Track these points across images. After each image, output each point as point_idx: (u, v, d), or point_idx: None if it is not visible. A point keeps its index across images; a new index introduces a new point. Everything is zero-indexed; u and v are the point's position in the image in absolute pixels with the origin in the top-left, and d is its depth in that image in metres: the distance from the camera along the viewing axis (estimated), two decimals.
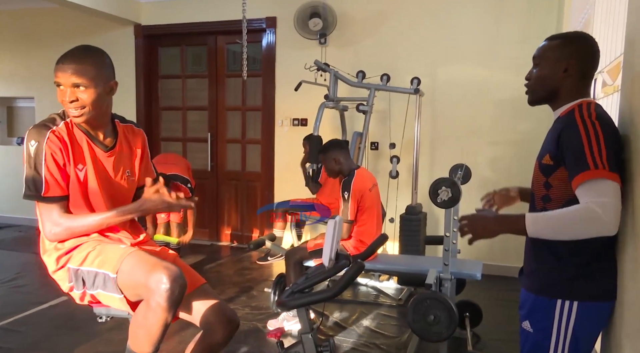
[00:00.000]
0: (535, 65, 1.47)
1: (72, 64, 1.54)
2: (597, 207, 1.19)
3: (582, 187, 1.24)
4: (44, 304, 3.38)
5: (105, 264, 1.54)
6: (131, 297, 1.56)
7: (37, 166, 1.49)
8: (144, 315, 1.49)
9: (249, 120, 5.09)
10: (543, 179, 1.42)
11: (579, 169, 1.25)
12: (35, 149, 1.49)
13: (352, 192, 2.89)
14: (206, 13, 4.90)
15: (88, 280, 1.58)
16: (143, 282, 1.46)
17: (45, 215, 1.53)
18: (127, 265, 1.50)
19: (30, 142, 1.50)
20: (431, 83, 4.18)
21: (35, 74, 5.59)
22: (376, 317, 3.25)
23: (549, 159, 1.38)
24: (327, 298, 1.32)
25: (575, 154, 1.26)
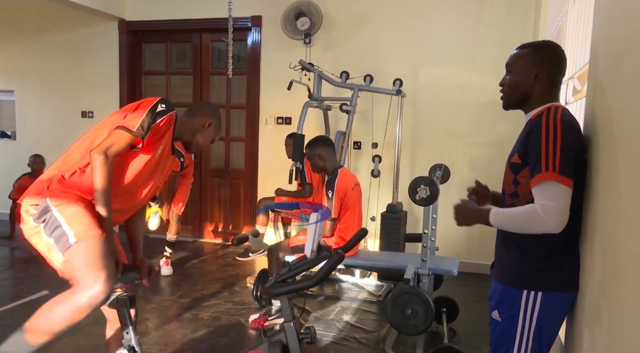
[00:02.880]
0: (508, 72, 1.57)
1: None
2: (541, 209, 1.32)
3: (535, 187, 1.37)
4: (24, 298, 3.37)
5: (75, 226, 1.62)
6: (63, 268, 1.65)
7: (156, 117, 1.73)
8: (62, 303, 1.59)
9: (233, 117, 5.12)
10: (512, 176, 1.51)
11: (534, 171, 1.37)
12: (163, 109, 1.76)
13: (335, 191, 2.96)
14: (192, 10, 4.91)
15: (49, 224, 1.64)
16: (84, 270, 1.57)
17: (115, 139, 1.69)
18: (87, 245, 1.60)
19: (163, 104, 1.77)
20: (413, 84, 4.28)
21: (16, 67, 5.52)
22: (356, 312, 3.33)
23: (517, 158, 1.48)
24: (310, 285, 1.38)
25: (534, 155, 1.38)
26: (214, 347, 2.76)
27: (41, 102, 5.55)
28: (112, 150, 1.66)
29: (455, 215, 1.63)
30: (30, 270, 4.16)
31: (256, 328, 2.98)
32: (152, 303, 3.37)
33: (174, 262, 4.40)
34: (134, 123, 1.69)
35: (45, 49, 5.43)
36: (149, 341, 2.78)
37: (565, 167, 1.32)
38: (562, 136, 1.35)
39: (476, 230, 4.21)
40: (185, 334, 2.91)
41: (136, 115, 1.72)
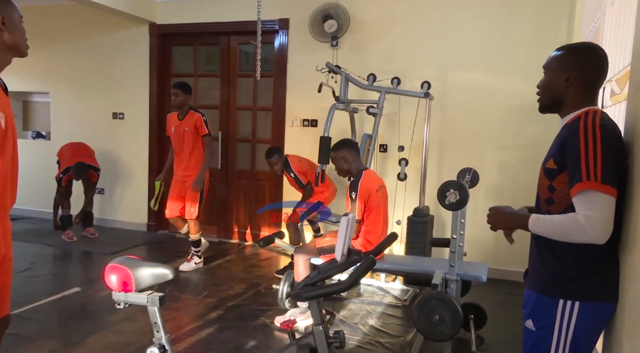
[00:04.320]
0: (544, 74, 1.54)
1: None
2: (584, 220, 1.29)
3: (576, 197, 1.33)
4: (56, 294, 3.47)
5: None
6: None
7: None
8: None
9: (259, 120, 5.16)
10: (547, 182, 1.47)
11: (575, 179, 1.33)
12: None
13: (359, 192, 2.94)
14: (220, 13, 4.98)
15: None
16: None
17: None
18: None
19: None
20: (441, 87, 4.23)
21: (51, 70, 5.70)
22: (381, 316, 3.30)
23: (553, 164, 1.44)
24: (340, 290, 1.37)
25: (573, 163, 1.34)
26: (239, 347, 2.78)
27: (74, 103, 5.71)
28: None
29: (490, 217, 1.60)
30: (62, 267, 4.29)
31: (283, 330, 2.99)
32: (179, 302, 3.42)
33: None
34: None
35: (79, 52, 5.59)
36: (176, 340, 2.82)
37: (607, 175, 1.28)
38: (603, 142, 1.30)
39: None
40: (211, 333, 2.94)
41: None
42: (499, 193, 4.15)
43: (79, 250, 4.67)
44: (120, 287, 1.75)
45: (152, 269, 1.79)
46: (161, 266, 1.82)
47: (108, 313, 3.16)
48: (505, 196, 4.13)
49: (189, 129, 4.09)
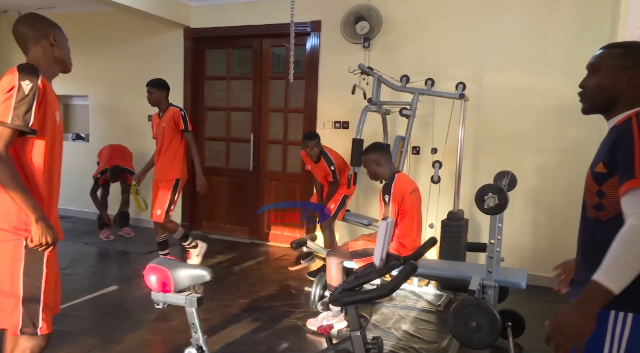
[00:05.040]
0: (592, 74, 1.46)
1: None
2: (637, 220, 1.19)
3: (625, 196, 1.24)
4: (95, 292, 3.57)
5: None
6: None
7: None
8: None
9: (290, 122, 5.17)
10: (596, 188, 1.40)
11: (626, 177, 1.25)
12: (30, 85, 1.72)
13: (392, 196, 2.91)
14: (252, 17, 5.03)
15: None
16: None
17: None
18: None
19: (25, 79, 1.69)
20: (476, 88, 4.14)
21: (90, 74, 5.87)
22: (415, 321, 3.25)
23: (602, 167, 1.36)
24: (380, 296, 1.35)
25: (626, 162, 1.26)
26: (272, 349, 2.79)
27: (112, 106, 5.87)
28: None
29: (563, 340, 1.22)
30: (100, 265, 4.41)
31: (316, 333, 2.98)
32: (212, 302, 3.46)
33: (232, 262, 4.51)
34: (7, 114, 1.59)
35: (117, 57, 5.74)
36: (210, 341, 2.83)
37: None
38: None
39: (543, 240, 4.03)
40: (244, 335, 2.96)
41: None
42: (536, 197, 4.03)
43: (116, 249, 4.80)
44: (160, 288, 1.78)
45: (190, 270, 1.81)
46: (199, 267, 1.85)
47: (144, 312, 3.22)
48: (544, 200, 4.01)
49: (167, 124, 3.86)
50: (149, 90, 3.95)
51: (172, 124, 3.86)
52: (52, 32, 1.78)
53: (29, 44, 1.75)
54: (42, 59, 1.76)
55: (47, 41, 1.76)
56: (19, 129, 1.58)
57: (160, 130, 3.91)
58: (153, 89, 3.95)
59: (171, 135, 3.87)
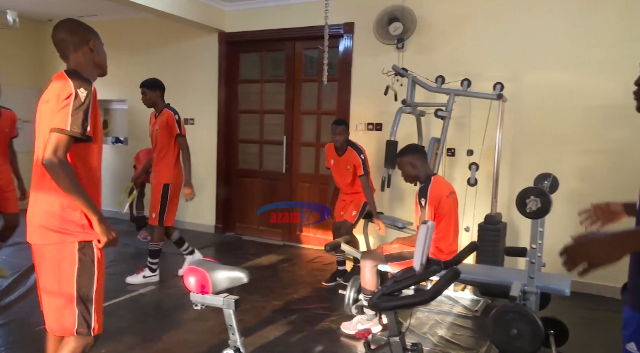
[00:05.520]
0: None
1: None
2: None
3: None
4: (134, 292, 3.66)
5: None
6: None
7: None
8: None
9: (323, 124, 5.17)
10: None
11: None
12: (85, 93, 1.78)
13: (429, 199, 2.85)
14: (286, 20, 5.06)
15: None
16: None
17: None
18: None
19: (81, 87, 1.74)
20: (514, 88, 4.03)
21: (128, 78, 6.03)
22: (451, 327, 3.18)
23: None
24: (421, 302, 1.32)
25: None
26: (307, 352, 2.78)
27: (149, 110, 6.01)
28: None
29: (575, 256, 1.15)
30: (138, 265, 4.50)
31: (351, 336, 2.96)
32: (247, 303, 3.48)
33: (265, 264, 4.54)
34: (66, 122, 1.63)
35: (153, 61, 5.89)
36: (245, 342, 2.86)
37: None
38: None
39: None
40: (279, 337, 2.96)
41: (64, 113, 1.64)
42: (579, 201, 3.87)
43: None
44: (198, 289, 1.80)
45: (228, 272, 1.82)
46: (236, 269, 1.86)
47: (181, 312, 3.28)
48: (587, 204, 3.84)
49: (160, 127, 3.77)
50: (142, 91, 3.87)
51: (165, 127, 3.77)
52: (91, 38, 1.83)
53: (70, 49, 1.79)
54: (83, 64, 1.81)
55: (88, 47, 1.81)
56: (77, 135, 1.63)
57: (155, 132, 3.83)
58: (146, 89, 3.87)
59: (164, 138, 3.78)
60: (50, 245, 1.70)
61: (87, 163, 1.76)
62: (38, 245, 1.73)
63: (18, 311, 3.20)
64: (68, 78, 1.67)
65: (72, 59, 1.80)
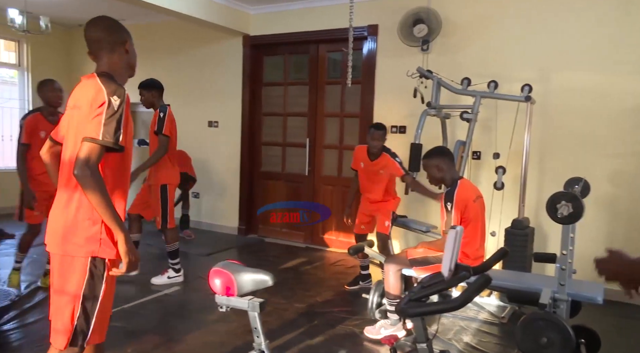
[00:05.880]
0: None
1: None
2: None
3: None
4: (159, 292, 3.70)
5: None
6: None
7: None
8: None
9: (346, 126, 5.16)
10: None
11: None
12: (119, 101, 1.70)
13: (455, 203, 2.79)
14: (309, 23, 5.07)
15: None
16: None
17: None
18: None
19: (114, 95, 1.67)
20: (543, 90, 3.94)
21: None
22: (477, 333, 3.11)
23: None
24: (450, 309, 1.29)
25: None
26: None
27: (174, 112, 6.09)
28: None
29: (605, 264, 1.16)
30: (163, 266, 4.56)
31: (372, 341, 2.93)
32: (269, 305, 3.48)
33: (287, 266, 4.54)
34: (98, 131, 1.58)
35: (179, 64, 5.98)
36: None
37: None
38: None
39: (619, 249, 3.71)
40: (301, 339, 2.95)
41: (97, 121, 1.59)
42: (611, 206, 3.77)
43: None
44: (224, 291, 1.81)
45: (253, 275, 1.83)
46: (262, 272, 1.86)
47: (204, 313, 3.30)
48: (619, 209, 3.74)
49: (151, 126, 3.74)
50: (140, 92, 3.81)
51: (154, 125, 3.70)
52: (127, 39, 1.77)
53: (105, 49, 1.71)
54: (117, 66, 1.74)
55: (124, 48, 1.75)
56: (109, 145, 1.56)
57: (151, 132, 3.79)
58: (143, 90, 3.80)
59: (154, 137, 3.72)
60: (65, 255, 1.64)
61: (117, 172, 1.70)
62: (53, 252, 1.68)
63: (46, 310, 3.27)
64: (101, 84, 1.61)
65: (105, 60, 1.72)
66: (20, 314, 3.14)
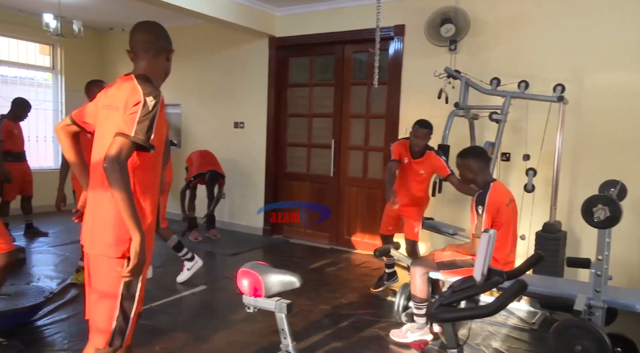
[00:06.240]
0: None
1: None
2: None
3: None
4: (185, 291, 3.75)
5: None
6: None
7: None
8: None
9: (372, 127, 5.12)
10: None
11: None
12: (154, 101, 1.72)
13: (487, 206, 2.72)
14: (335, 24, 5.05)
15: None
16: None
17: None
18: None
19: (150, 95, 1.69)
20: (576, 90, 3.82)
21: (182, 84, 6.24)
22: (506, 339, 3.04)
23: None
24: (484, 315, 1.26)
25: None
26: None
27: (201, 114, 6.20)
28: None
29: None
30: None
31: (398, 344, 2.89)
32: (294, 307, 3.46)
33: (312, 268, 4.54)
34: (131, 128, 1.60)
35: (206, 66, 6.06)
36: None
37: None
38: None
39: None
40: (327, 341, 2.94)
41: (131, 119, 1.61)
42: None
43: (203, 250, 5.02)
44: (251, 292, 1.81)
45: (281, 276, 1.82)
46: (289, 274, 1.86)
47: (230, 313, 3.32)
48: None
49: None
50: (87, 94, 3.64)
51: None
52: (172, 50, 1.81)
53: (150, 53, 1.73)
54: (156, 71, 1.76)
55: (166, 56, 1.79)
56: (139, 142, 1.57)
57: None
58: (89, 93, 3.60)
59: None
60: (99, 255, 1.66)
61: (149, 173, 1.70)
62: (88, 252, 1.70)
63: (78, 306, 3.35)
64: (138, 85, 1.63)
65: (146, 63, 1.74)
66: (54, 310, 3.22)
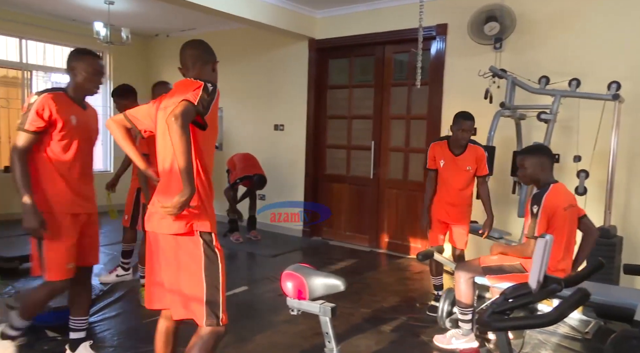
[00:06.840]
0: None
1: None
2: None
3: None
4: (228, 291, 3.78)
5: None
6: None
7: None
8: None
9: (413, 128, 5.04)
10: None
11: None
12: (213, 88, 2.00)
13: (542, 207, 2.59)
14: (375, 24, 5.01)
15: None
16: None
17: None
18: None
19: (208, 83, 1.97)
20: (633, 87, 3.62)
21: (224, 87, 6.26)
22: (557, 348, 2.91)
23: None
24: (541, 324, 1.20)
25: None
26: None
27: (242, 117, 6.30)
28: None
29: None
30: (231, 266, 4.69)
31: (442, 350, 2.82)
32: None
33: (352, 270, 4.51)
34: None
35: (247, 70, 6.15)
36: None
37: None
38: None
39: None
40: (369, 346, 2.91)
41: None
42: None
43: (244, 251, 5.09)
44: (295, 295, 1.81)
45: (325, 279, 1.81)
46: (333, 277, 1.84)
47: (272, 314, 3.34)
48: None
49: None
50: (114, 100, 3.73)
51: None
52: (216, 60, 2.12)
53: (199, 63, 2.03)
54: (206, 78, 1.99)
55: (212, 66, 2.09)
56: (199, 110, 1.76)
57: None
58: (117, 98, 3.67)
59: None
60: (179, 236, 1.81)
61: (205, 151, 1.88)
62: (164, 235, 1.84)
63: (125, 304, 3.46)
64: (196, 79, 1.90)
65: (197, 71, 2.02)
66: (104, 308, 3.34)
